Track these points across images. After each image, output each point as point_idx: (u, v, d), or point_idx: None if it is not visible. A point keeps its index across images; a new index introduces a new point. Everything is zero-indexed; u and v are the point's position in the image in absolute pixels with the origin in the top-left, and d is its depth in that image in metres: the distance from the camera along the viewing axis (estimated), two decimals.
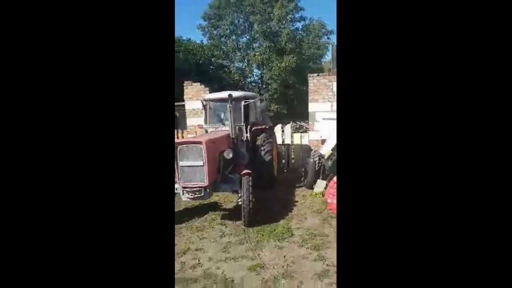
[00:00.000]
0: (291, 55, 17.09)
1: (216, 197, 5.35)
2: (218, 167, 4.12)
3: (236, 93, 5.16)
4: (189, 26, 47.47)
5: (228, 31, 19.16)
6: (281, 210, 4.55)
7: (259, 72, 19.98)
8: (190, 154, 3.75)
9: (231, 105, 4.53)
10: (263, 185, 5.44)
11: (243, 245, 3.46)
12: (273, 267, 2.92)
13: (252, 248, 3.36)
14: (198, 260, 3.13)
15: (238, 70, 19.57)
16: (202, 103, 5.51)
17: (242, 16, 19.10)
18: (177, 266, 3.00)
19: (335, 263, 2.96)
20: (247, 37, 19.92)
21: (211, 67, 19.88)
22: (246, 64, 19.58)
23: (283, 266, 2.94)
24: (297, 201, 5.02)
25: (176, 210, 4.59)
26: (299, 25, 19.76)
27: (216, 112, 5.50)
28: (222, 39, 19.46)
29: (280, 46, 17.75)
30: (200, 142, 3.74)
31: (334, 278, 2.68)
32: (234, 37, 19.49)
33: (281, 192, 5.55)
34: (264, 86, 19.73)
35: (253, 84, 20.56)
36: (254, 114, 5.76)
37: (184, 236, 3.76)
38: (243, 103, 5.28)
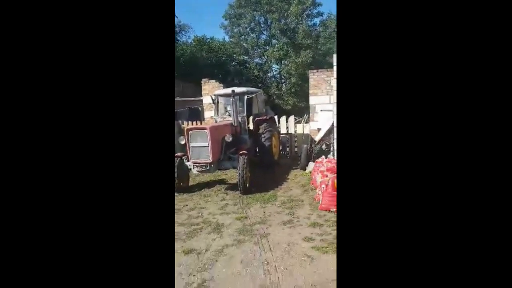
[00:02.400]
0: (308, 51, 17.75)
1: (224, 175, 6.49)
2: (221, 148, 5.22)
3: (239, 89, 6.23)
4: (213, 25, 49.32)
5: (248, 29, 20.18)
6: (273, 184, 5.57)
7: (278, 67, 20.83)
8: (198, 137, 4.90)
9: (233, 99, 5.62)
10: (263, 166, 6.51)
11: (236, 205, 4.56)
12: (254, 218, 3.98)
13: (242, 207, 4.44)
14: (201, 214, 4.27)
15: (258, 65, 20.58)
16: (212, 98, 6.63)
17: (261, 14, 20.00)
18: (184, 216, 4.17)
19: (299, 216, 3.96)
20: (266, 34, 20.81)
21: (233, 63, 21.09)
22: (265, 60, 20.52)
23: (260, 217, 3.98)
24: (289, 178, 6.01)
25: (190, 184, 5.78)
26: (316, 20, 20.30)
27: (223, 105, 6.60)
28: (242, 36, 20.52)
29: (297, 42, 18.46)
30: (205, 128, 4.87)
31: (294, 224, 3.69)
32: (253, 34, 20.47)
33: (278, 172, 6.56)
34: (282, 80, 20.59)
35: (272, 78, 21.46)
36: (257, 107, 6.79)
37: (194, 200, 4.92)
38: (246, 97, 6.33)
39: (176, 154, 5.32)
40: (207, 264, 2.84)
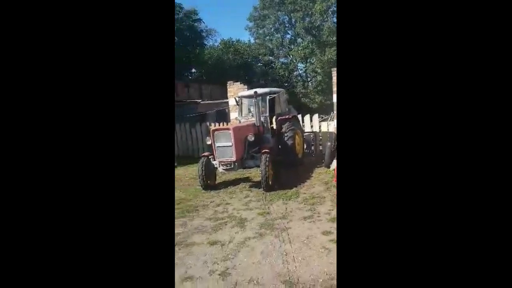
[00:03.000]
0: (333, 48, 17.51)
1: (249, 173, 6.71)
2: (244, 147, 5.45)
3: (261, 90, 6.42)
4: (239, 28, 50.22)
5: (272, 29, 20.37)
6: (296, 182, 5.69)
7: (303, 66, 20.76)
8: (222, 137, 5.17)
9: (256, 100, 5.83)
10: (287, 165, 6.64)
11: (259, 202, 4.75)
12: (275, 214, 4.15)
13: (265, 204, 4.63)
14: (226, 209, 4.52)
15: (283, 65, 20.68)
16: (235, 99, 6.90)
17: (285, 14, 20.08)
18: (211, 212, 4.44)
19: (320, 211, 4.06)
20: (290, 33, 20.85)
21: (258, 64, 21.40)
22: (290, 59, 20.56)
23: (282, 213, 4.14)
24: (312, 176, 6.09)
25: (217, 182, 6.07)
26: None
27: (247, 106, 6.84)
28: (267, 37, 20.75)
29: (322, 39, 18.29)
30: (228, 129, 5.13)
31: (315, 219, 3.81)
32: (278, 34, 20.62)
33: (302, 170, 6.65)
34: (308, 79, 20.47)
35: (298, 77, 21.42)
36: (279, 106, 6.93)
37: (220, 197, 5.20)
38: (268, 97, 6.50)
39: (203, 154, 5.66)
40: (230, 254, 3.06)
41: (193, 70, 21.34)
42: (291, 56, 20.39)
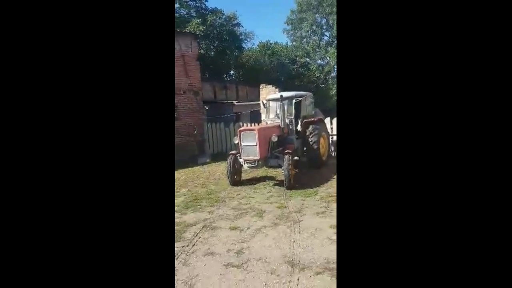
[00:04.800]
0: None
1: (275, 172, 7.17)
2: (268, 147, 5.93)
3: (287, 93, 6.86)
4: (278, 30, 50.71)
5: (309, 31, 20.52)
6: (317, 182, 6.02)
7: None
8: (248, 137, 5.72)
9: (281, 103, 6.28)
10: (310, 166, 6.98)
11: (279, 197, 5.21)
12: (292, 208, 4.58)
13: (284, 199, 5.07)
14: (249, 202, 5.05)
15: (320, 67, 20.73)
16: (263, 102, 7.40)
17: (323, 16, 20.12)
18: (235, 203, 5.01)
19: (333, 209, 4.40)
20: (328, 35, 20.81)
21: (294, 66, 21.69)
22: (326, 61, 20.54)
23: (298, 208, 4.56)
24: (334, 178, 6.35)
25: (244, 178, 6.62)
26: None
27: (274, 109, 7.31)
28: (304, 40, 20.95)
29: None
30: (253, 129, 5.66)
31: (326, 214, 4.17)
32: (315, 37, 20.72)
33: (325, 171, 6.93)
34: None
35: (335, 79, 21.30)
36: (305, 109, 7.29)
37: (245, 191, 5.75)
38: (294, 101, 6.91)
39: (231, 152, 6.26)
40: (246, 238, 3.58)
41: (231, 72, 22.29)
42: (328, 58, 20.38)
